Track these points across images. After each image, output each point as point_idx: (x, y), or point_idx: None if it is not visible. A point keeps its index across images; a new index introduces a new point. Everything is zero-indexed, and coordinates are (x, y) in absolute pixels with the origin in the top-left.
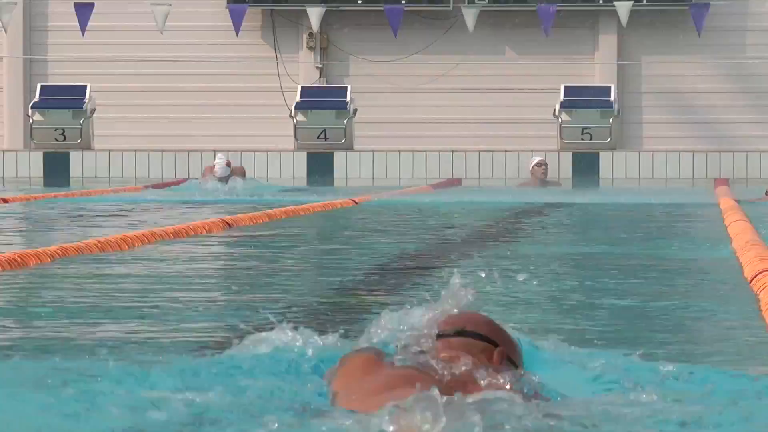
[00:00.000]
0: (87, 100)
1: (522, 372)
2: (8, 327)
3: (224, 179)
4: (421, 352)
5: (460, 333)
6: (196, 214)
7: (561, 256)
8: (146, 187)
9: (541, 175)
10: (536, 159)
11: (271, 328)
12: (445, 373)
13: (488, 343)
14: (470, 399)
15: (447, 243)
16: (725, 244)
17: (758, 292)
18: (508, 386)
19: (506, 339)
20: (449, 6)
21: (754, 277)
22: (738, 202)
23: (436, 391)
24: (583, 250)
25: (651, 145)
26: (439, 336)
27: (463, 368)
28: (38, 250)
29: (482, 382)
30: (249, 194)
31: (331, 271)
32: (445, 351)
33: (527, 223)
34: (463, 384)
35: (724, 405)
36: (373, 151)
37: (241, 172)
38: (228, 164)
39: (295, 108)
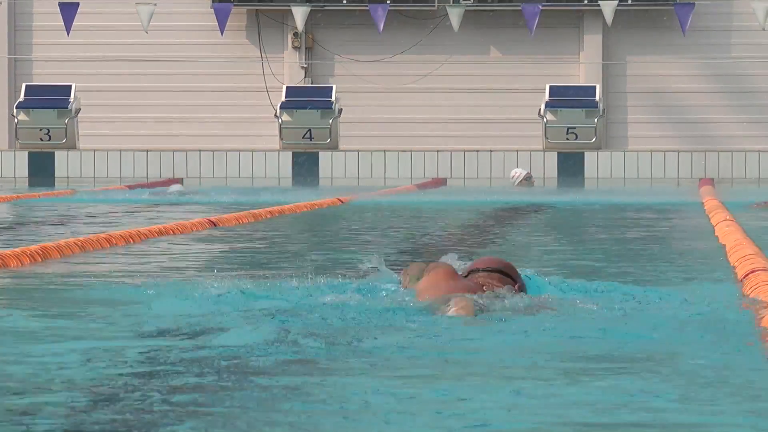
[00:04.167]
0: (72, 100)
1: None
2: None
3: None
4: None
5: (489, 270)
6: (180, 213)
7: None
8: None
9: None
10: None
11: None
12: (484, 288)
13: (506, 276)
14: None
15: (432, 242)
16: (713, 241)
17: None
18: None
19: (517, 274)
20: (434, 5)
21: (746, 276)
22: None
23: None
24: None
25: (636, 145)
26: (474, 271)
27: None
28: (17, 250)
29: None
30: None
31: (316, 269)
32: (482, 279)
33: (514, 222)
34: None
35: None
36: (358, 150)
37: None
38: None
39: (280, 108)
